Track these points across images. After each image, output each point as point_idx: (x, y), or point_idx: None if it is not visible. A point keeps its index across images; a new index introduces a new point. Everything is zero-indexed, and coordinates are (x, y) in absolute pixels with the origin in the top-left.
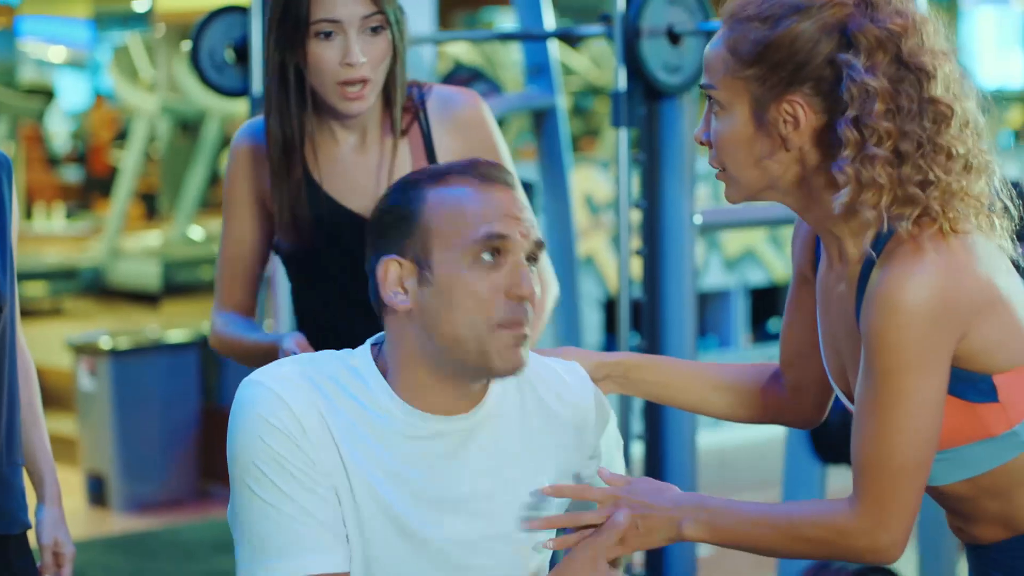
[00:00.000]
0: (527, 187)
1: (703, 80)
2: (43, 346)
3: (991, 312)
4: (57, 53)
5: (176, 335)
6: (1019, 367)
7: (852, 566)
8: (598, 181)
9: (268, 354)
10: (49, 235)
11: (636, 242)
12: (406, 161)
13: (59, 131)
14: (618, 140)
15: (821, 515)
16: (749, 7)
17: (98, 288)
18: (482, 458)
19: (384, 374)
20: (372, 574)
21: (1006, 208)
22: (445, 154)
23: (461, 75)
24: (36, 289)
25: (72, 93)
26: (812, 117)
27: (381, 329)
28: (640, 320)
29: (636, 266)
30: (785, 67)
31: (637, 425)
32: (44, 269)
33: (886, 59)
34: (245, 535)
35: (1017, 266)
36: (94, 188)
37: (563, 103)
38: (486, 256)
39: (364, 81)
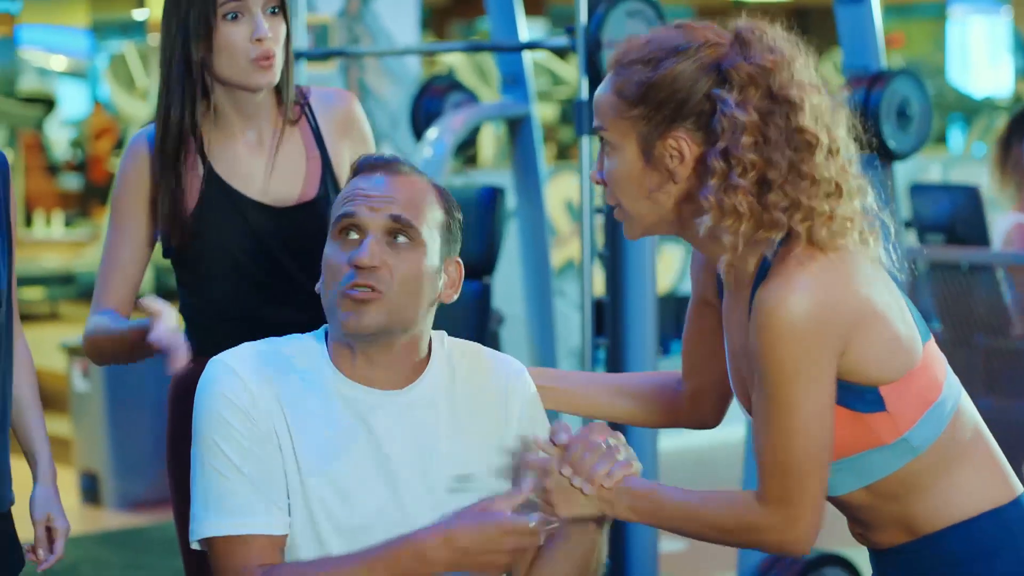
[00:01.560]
0: (499, 192)
1: (594, 123)
2: (39, 349)
3: (870, 326)
4: (57, 62)
5: None
6: (903, 377)
7: (806, 558)
8: (578, 188)
9: (139, 341)
10: (48, 241)
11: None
12: (298, 146)
13: (59, 139)
14: (581, 148)
15: (733, 510)
16: (632, 52)
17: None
18: (415, 432)
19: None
20: (319, 534)
21: (881, 226)
22: (331, 142)
23: (439, 84)
24: (34, 293)
25: (72, 101)
26: (695, 149)
27: (294, 312)
28: (603, 323)
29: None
30: (667, 105)
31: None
32: (42, 274)
33: (757, 94)
34: (199, 496)
35: (895, 278)
36: (93, 195)
37: (537, 112)
38: (347, 234)
39: (271, 55)
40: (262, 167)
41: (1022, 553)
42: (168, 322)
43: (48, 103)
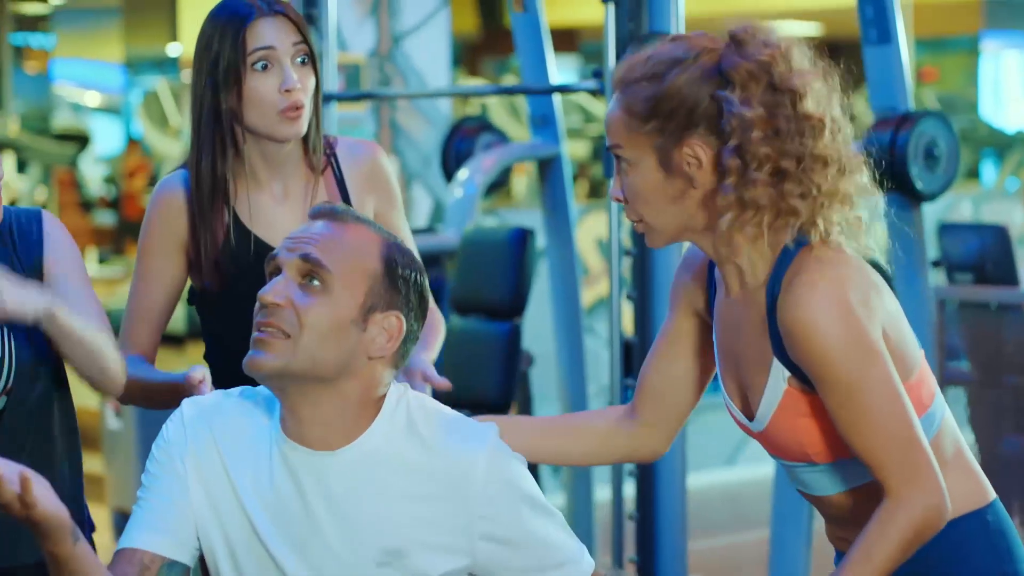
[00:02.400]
0: (528, 234)
1: (608, 143)
2: (73, 386)
3: (888, 324)
4: (91, 97)
5: None
6: (905, 381)
7: None
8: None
9: (172, 393)
10: None
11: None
12: (322, 197)
13: (93, 175)
14: (610, 190)
15: (892, 526)
16: (635, 70)
17: None
18: (334, 499)
19: None
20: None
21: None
22: (356, 193)
23: (470, 125)
24: None
25: (106, 137)
26: (710, 153)
27: None
28: (632, 363)
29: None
30: (678, 115)
31: (629, 464)
32: None
33: (759, 88)
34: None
35: (886, 274)
36: (127, 232)
37: (567, 153)
38: (270, 277)
39: (301, 106)
40: (287, 217)
41: (1000, 552)
42: (198, 371)
43: (82, 139)
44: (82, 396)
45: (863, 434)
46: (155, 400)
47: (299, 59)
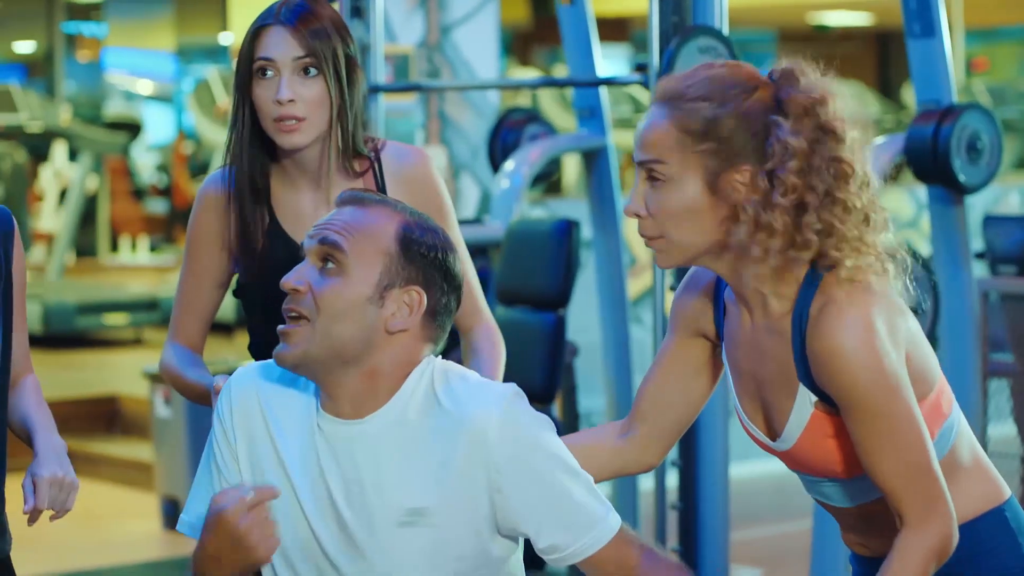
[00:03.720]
0: (573, 225)
1: (643, 156)
2: (123, 375)
3: (913, 344)
4: (143, 86)
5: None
6: (926, 397)
7: None
8: None
9: (201, 395)
10: (134, 267)
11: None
12: None
13: (144, 163)
14: (627, 203)
15: (906, 559)
16: (693, 89)
17: None
18: (361, 464)
19: None
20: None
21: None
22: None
23: (517, 116)
24: (118, 319)
25: (158, 126)
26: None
27: None
28: None
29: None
30: (736, 139)
31: (672, 453)
32: (126, 300)
33: (810, 123)
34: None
35: (916, 310)
36: (178, 220)
37: (613, 144)
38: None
39: (297, 118)
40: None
41: (1019, 548)
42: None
43: (134, 128)
44: (132, 384)
45: (883, 461)
46: (186, 394)
47: (303, 69)
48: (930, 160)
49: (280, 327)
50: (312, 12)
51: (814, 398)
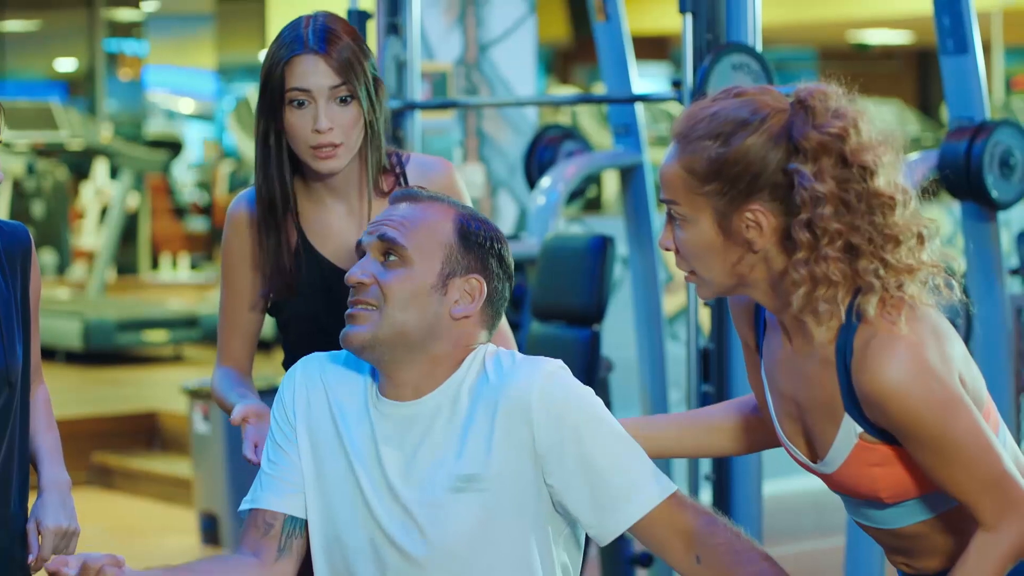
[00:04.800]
0: (608, 241)
1: (663, 195)
2: (162, 391)
3: (964, 366)
4: (184, 104)
5: None
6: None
7: None
8: None
9: None
10: (174, 284)
11: None
12: None
13: (185, 181)
14: (659, 237)
15: (983, 556)
16: (699, 127)
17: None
18: (416, 441)
19: None
20: (333, 519)
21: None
22: None
23: (553, 134)
24: (158, 336)
25: (198, 144)
26: (772, 220)
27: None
28: (709, 369)
29: (705, 316)
30: (742, 180)
31: (706, 468)
32: (166, 317)
33: (831, 162)
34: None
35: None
36: (219, 238)
37: (649, 161)
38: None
39: (334, 145)
40: (352, 237)
41: None
42: (245, 409)
43: (175, 146)
44: (171, 400)
45: (957, 479)
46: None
47: (339, 97)
48: (963, 176)
49: (348, 311)
50: (336, 33)
51: (859, 429)
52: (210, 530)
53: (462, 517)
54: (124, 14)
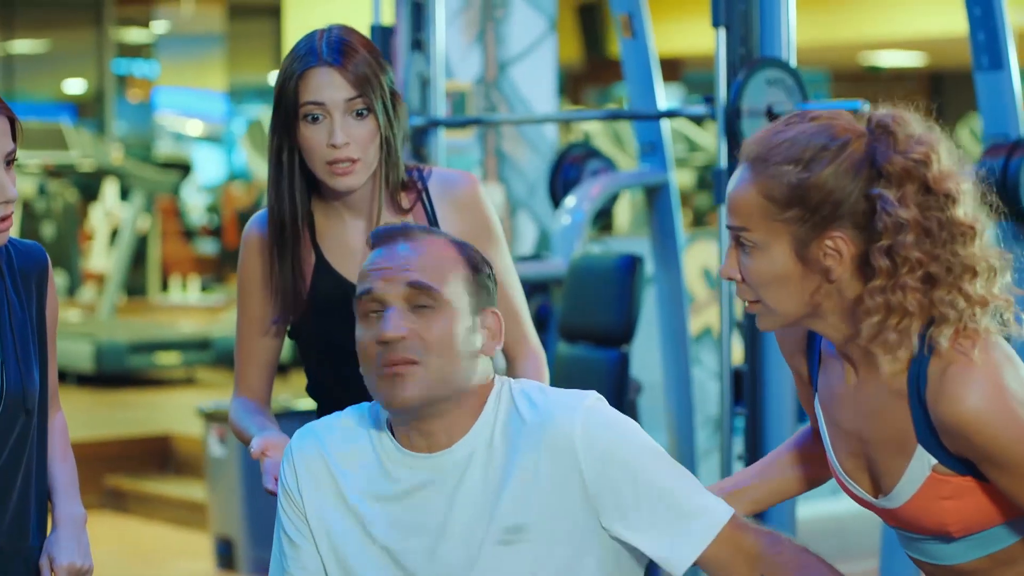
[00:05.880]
0: (637, 261)
1: (732, 222)
2: (176, 414)
3: None
4: (193, 126)
5: (303, 404)
6: None
7: None
8: (716, 255)
9: None
10: (184, 306)
11: (739, 314)
12: None
13: (195, 204)
14: (720, 215)
15: None
16: (777, 152)
17: (231, 358)
18: (454, 492)
19: None
20: None
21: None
22: (447, 228)
23: (576, 153)
24: (170, 359)
25: (208, 166)
26: (852, 248)
27: None
28: (742, 390)
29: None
30: (824, 207)
31: None
32: (178, 339)
33: (914, 188)
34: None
35: None
36: (229, 261)
37: (675, 180)
38: (370, 312)
39: (352, 160)
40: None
41: None
42: (265, 441)
43: (184, 168)
44: (185, 423)
45: None
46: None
47: (355, 111)
48: (1000, 195)
49: (386, 371)
50: (351, 45)
51: (933, 461)
52: (225, 555)
53: (509, 572)
54: (134, 35)
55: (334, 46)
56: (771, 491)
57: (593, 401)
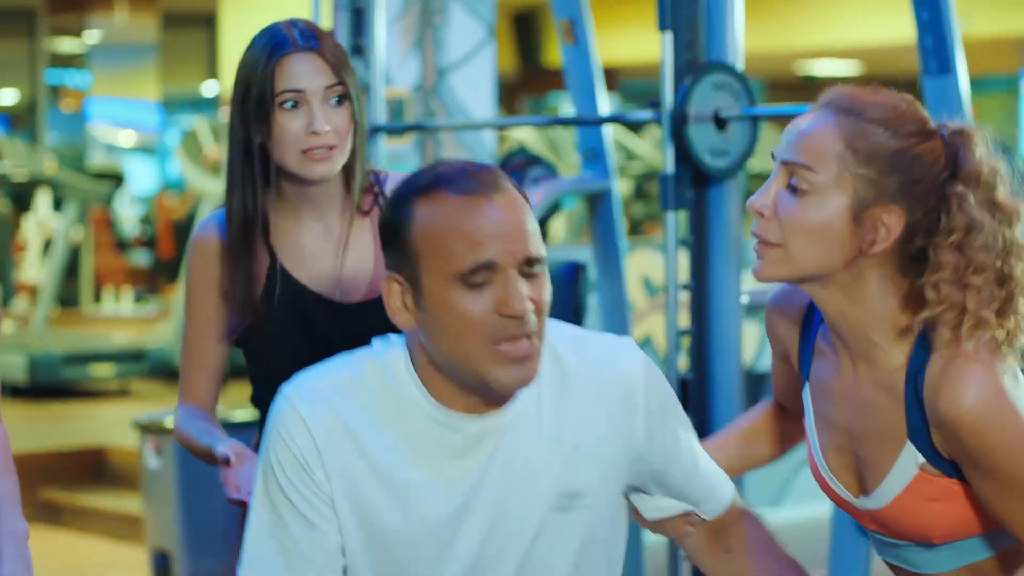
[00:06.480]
0: (581, 268)
1: (796, 157)
2: (110, 426)
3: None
4: (126, 137)
5: (240, 415)
6: None
7: None
8: (655, 264)
9: (209, 457)
10: (118, 318)
11: (684, 322)
12: (368, 238)
13: (128, 215)
14: (666, 223)
15: None
16: (871, 109)
17: (165, 370)
18: (505, 453)
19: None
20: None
21: None
22: None
23: (518, 159)
24: (104, 370)
25: (141, 177)
26: (900, 230)
27: None
28: (688, 398)
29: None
30: (901, 178)
31: None
32: (112, 351)
33: (985, 197)
34: (248, 545)
35: None
36: (162, 272)
37: (618, 187)
38: (475, 281)
39: (330, 147)
40: (329, 259)
41: None
42: (233, 445)
43: (117, 179)
44: (119, 435)
45: (1021, 513)
46: (202, 460)
47: (332, 99)
48: None
49: (516, 349)
50: (322, 33)
51: (921, 459)
52: (162, 568)
53: (567, 540)
54: (67, 45)
55: (307, 33)
56: (741, 466)
57: (643, 353)
